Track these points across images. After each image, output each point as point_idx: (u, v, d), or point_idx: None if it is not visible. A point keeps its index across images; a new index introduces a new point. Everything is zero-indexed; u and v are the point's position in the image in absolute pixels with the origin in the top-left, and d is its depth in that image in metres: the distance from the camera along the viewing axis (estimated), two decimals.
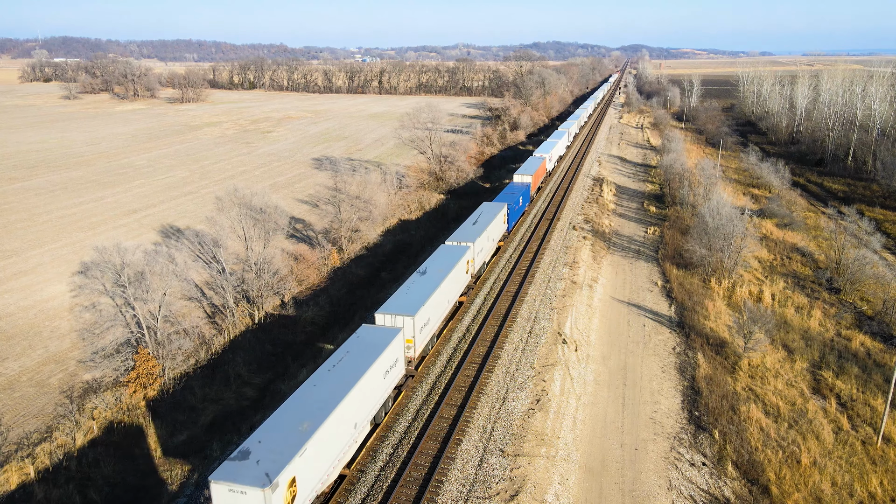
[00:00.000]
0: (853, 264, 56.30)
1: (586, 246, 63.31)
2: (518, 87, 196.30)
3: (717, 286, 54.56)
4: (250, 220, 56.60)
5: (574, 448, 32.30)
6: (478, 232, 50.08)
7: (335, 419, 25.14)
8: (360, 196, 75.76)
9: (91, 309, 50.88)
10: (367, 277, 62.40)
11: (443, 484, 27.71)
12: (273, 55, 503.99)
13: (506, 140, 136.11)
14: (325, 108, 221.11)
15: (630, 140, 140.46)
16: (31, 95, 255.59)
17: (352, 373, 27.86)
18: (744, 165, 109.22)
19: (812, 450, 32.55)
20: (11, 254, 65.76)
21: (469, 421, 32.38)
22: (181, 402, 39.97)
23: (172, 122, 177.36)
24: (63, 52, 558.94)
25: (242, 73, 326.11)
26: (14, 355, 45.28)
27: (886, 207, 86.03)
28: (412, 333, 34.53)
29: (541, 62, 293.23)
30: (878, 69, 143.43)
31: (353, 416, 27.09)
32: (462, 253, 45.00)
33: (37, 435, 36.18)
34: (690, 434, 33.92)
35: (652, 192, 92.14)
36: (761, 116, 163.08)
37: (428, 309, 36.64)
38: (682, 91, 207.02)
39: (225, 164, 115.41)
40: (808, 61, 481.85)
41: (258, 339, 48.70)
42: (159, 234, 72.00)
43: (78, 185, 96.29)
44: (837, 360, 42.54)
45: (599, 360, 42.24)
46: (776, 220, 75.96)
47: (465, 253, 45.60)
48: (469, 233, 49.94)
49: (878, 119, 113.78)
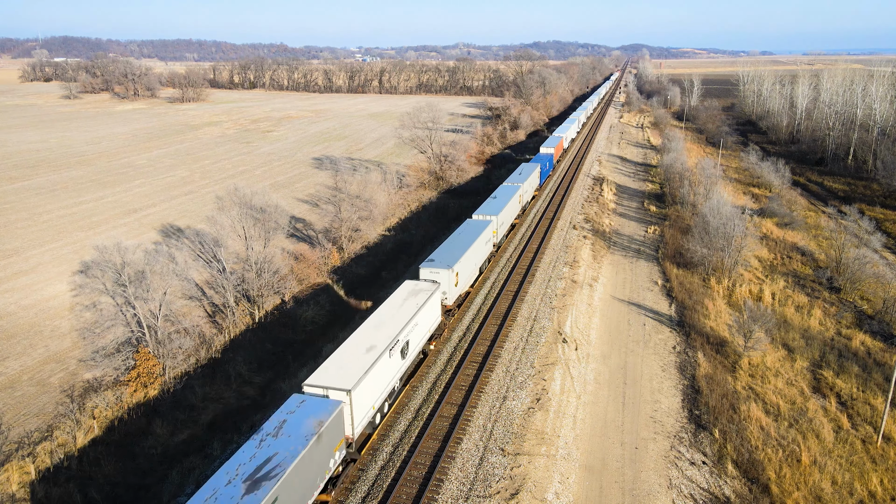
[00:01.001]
0: (853, 263, 56.30)
1: (586, 245, 63.32)
2: (518, 86, 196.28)
3: (717, 285, 54.57)
4: (251, 220, 56.61)
5: (574, 447, 32.32)
6: (523, 179, 70.31)
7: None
8: (361, 195, 75.79)
9: (91, 308, 50.92)
10: (368, 277, 62.43)
11: (443, 482, 27.74)
12: (273, 55, 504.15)
13: (506, 139, 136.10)
14: (326, 107, 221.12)
15: (630, 139, 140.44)
16: (32, 95, 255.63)
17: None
18: (744, 165, 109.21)
19: (812, 449, 32.56)
20: (12, 253, 65.80)
21: (469, 420, 32.41)
22: (182, 400, 40.00)
23: (173, 121, 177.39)
24: (63, 52, 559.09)
25: (243, 73, 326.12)
26: (15, 354, 45.32)
27: (887, 207, 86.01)
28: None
29: (541, 62, 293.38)
30: (878, 68, 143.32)
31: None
32: (515, 191, 64.48)
33: (37, 434, 36.21)
34: (691, 433, 33.94)
35: (652, 192, 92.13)
36: (762, 116, 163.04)
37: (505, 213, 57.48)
38: (683, 90, 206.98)
39: (225, 163, 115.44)
40: (808, 61, 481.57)
41: (258, 339, 48.74)
42: (160, 233, 72.04)
43: (78, 185, 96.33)
44: (838, 359, 42.55)
45: (600, 359, 42.26)
46: (776, 219, 75.96)
47: (518, 189, 65.54)
48: (518, 180, 69.51)
49: (878, 118, 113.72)
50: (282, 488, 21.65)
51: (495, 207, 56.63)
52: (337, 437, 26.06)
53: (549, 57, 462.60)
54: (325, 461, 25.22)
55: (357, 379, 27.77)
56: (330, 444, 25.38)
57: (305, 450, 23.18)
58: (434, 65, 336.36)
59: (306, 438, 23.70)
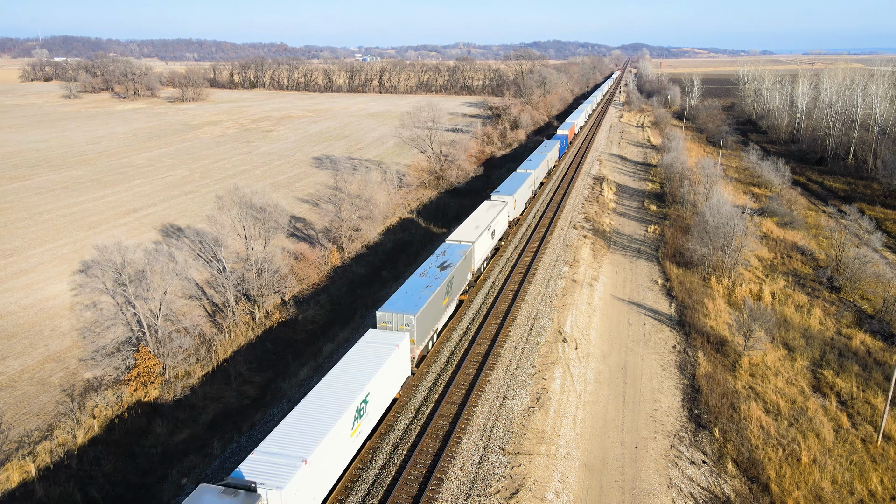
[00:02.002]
0: (853, 263, 56.29)
1: (587, 244, 63.31)
2: (518, 86, 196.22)
3: (717, 285, 54.56)
4: (251, 219, 56.62)
5: (574, 446, 32.33)
6: (548, 150, 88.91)
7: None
8: (361, 195, 75.78)
9: (92, 307, 50.93)
10: (368, 276, 62.43)
11: (443, 482, 27.75)
12: (273, 54, 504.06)
13: (506, 139, 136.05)
14: (326, 107, 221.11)
15: (630, 139, 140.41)
16: (32, 95, 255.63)
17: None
18: (744, 164, 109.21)
19: (812, 448, 32.57)
20: (12, 252, 65.81)
21: (469, 419, 32.42)
22: (182, 400, 40.02)
23: (173, 121, 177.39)
24: (63, 52, 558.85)
25: (243, 73, 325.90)
26: (15, 354, 45.34)
27: (887, 206, 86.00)
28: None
29: (541, 61, 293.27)
30: (878, 68, 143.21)
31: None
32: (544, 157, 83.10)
33: (38, 433, 36.24)
34: (691, 432, 33.95)
35: (652, 191, 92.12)
36: (762, 115, 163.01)
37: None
38: (683, 90, 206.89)
39: (225, 163, 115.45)
40: (808, 60, 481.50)
41: (259, 338, 48.76)
42: (160, 232, 72.05)
43: (78, 184, 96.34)
44: (838, 359, 42.56)
45: (600, 359, 42.26)
46: (777, 218, 75.95)
47: (546, 156, 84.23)
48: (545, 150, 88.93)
49: (878, 118, 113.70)
50: (455, 271, 41.98)
51: (534, 164, 78.64)
52: (468, 266, 46.72)
53: (549, 56, 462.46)
54: (467, 276, 46.59)
55: (477, 236, 48.67)
56: (466, 268, 45.75)
57: (462, 259, 43.93)
58: (434, 64, 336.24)
59: (461, 255, 44.40)
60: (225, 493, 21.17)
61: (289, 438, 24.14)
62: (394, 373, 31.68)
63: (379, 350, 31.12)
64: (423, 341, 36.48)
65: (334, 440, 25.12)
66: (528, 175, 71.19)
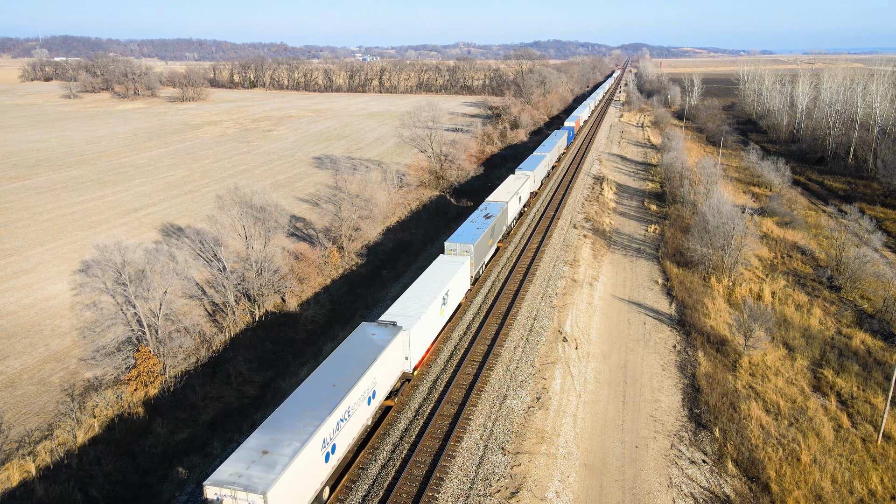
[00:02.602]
0: (854, 262, 56.30)
1: (587, 244, 63.32)
2: (518, 85, 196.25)
3: (717, 284, 54.57)
4: (251, 219, 56.63)
5: (574, 446, 32.33)
6: (558, 139, 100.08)
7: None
8: (361, 195, 75.79)
9: (92, 307, 50.93)
10: (368, 276, 62.44)
11: (443, 481, 27.75)
12: (273, 54, 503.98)
13: (506, 139, 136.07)
14: (326, 106, 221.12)
15: (631, 138, 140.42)
16: (32, 94, 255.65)
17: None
18: (744, 164, 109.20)
19: (812, 447, 32.58)
20: (12, 252, 65.82)
21: (470, 419, 32.42)
22: (182, 399, 40.03)
23: (173, 120, 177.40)
24: (63, 52, 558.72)
25: (243, 72, 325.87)
26: (15, 353, 45.36)
27: (887, 206, 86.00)
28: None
29: (541, 61, 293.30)
30: (878, 68, 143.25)
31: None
32: (555, 144, 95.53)
33: (38, 433, 36.25)
34: (691, 432, 33.95)
35: (652, 191, 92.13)
36: (762, 115, 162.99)
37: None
38: (683, 89, 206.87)
39: (225, 162, 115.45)
40: (808, 60, 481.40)
41: (259, 338, 48.77)
42: (160, 232, 72.06)
43: (78, 184, 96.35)
44: (838, 358, 42.57)
45: (600, 358, 42.27)
46: (777, 218, 75.95)
47: (557, 143, 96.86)
48: (555, 138, 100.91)
49: (878, 117, 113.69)
50: (495, 221, 53.22)
51: (548, 148, 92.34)
52: (504, 220, 57.98)
53: (549, 56, 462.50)
54: (503, 228, 57.46)
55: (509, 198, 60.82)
56: (502, 221, 56.71)
57: (499, 213, 55.01)
58: (434, 64, 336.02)
59: (499, 209, 55.43)
60: (379, 325, 33.91)
61: (408, 306, 36.92)
62: (461, 283, 44.04)
63: (450, 266, 43.36)
64: (477, 266, 49.24)
65: (432, 312, 37.58)
66: (544, 157, 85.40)
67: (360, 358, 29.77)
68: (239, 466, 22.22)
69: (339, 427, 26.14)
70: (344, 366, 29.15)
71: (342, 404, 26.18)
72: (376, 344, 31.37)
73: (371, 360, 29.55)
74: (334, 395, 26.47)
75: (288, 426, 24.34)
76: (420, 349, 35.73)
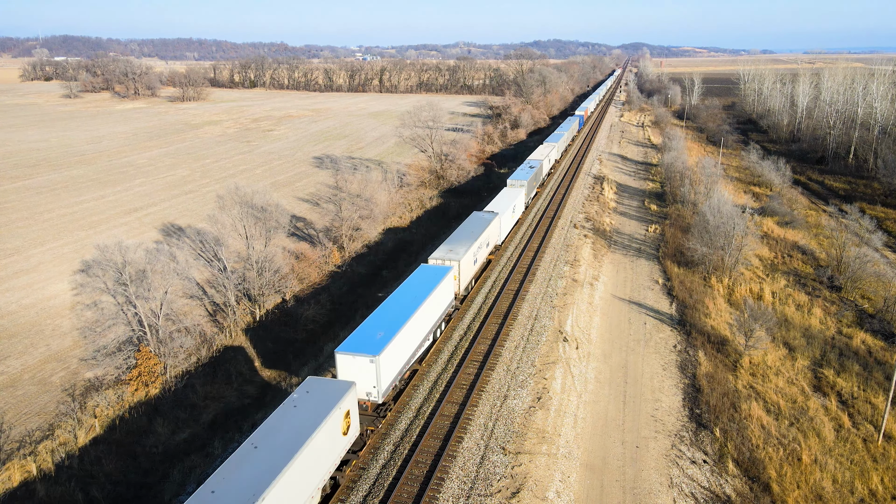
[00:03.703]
0: (854, 262, 56.28)
1: (587, 244, 63.32)
2: (519, 85, 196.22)
3: (717, 284, 54.57)
4: (251, 219, 56.66)
5: (575, 446, 32.34)
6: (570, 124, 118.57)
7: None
8: (361, 194, 75.80)
9: (93, 307, 50.97)
10: (369, 276, 62.46)
11: (444, 481, 27.77)
12: (274, 54, 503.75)
13: (507, 138, 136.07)
14: (326, 106, 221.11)
15: (631, 138, 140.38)
16: (32, 94, 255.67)
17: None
18: (745, 164, 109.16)
19: (813, 447, 32.58)
20: (13, 252, 65.85)
21: (470, 418, 32.43)
22: (183, 399, 40.04)
23: (173, 120, 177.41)
24: (64, 51, 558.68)
25: (243, 72, 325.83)
26: (16, 353, 45.38)
27: (887, 205, 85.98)
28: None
29: (541, 60, 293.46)
30: (879, 67, 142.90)
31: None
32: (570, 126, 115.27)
33: (39, 433, 36.27)
34: (691, 432, 33.96)
35: (653, 191, 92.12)
36: (762, 114, 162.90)
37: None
38: (683, 89, 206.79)
39: (226, 162, 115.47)
40: (809, 59, 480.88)
41: (259, 337, 48.79)
42: (160, 232, 72.07)
43: (79, 184, 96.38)
44: (838, 358, 42.56)
45: (600, 358, 42.28)
46: (777, 218, 75.93)
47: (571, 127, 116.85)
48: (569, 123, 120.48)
49: (879, 117, 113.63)
50: (537, 171, 76.65)
51: (566, 128, 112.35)
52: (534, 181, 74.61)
53: (549, 56, 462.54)
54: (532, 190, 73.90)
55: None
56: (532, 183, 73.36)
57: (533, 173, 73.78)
58: (434, 64, 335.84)
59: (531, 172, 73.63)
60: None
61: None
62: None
63: (515, 190, 62.14)
64: (530, 195, 70.02)
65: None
66: (563, 134, 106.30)
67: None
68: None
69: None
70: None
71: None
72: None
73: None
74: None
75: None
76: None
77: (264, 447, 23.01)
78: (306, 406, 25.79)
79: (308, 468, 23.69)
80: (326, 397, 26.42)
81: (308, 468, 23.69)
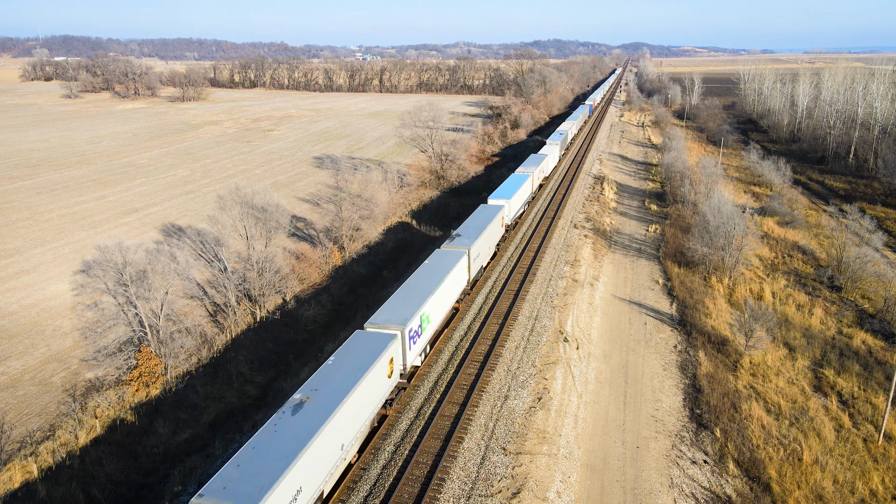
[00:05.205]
0: (854, 262, 56.30)
1: (587, 244, 63.33)
2: (519, 85, 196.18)
3: (718, 284, 54.59)
4: (252, 219, 56.67)
5: (576, 446, 32.37)
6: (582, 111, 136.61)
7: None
8: (362, 195, 75.83)
9: (93, 307, 50.99)
10: (369, 276, 62.48)
11: (445, 482, 27.79)
12: (274, 54, 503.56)
13: (507, 138, 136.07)
14: (326, 106, 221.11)
15: (631, 138, 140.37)
16: (32, 94, 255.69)
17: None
18: (745, 163, 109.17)
19: (813, 447, 32.61)
20: (13, 252, 65.88)
21: (471, 419, 32.45)
22: (183, 400, 40.07)
23: (173, 120, 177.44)
24: (64, 51, 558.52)
25: (243, 72, 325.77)
26: (17, 354, 45.40)
27: (888, 205, 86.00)
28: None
29: (541, 60, 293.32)
30: (879, 67, 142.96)
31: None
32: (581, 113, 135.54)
33: (40, 433, 36.30)
34: (692, 432, 33.98)
35: (653, 191, 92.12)
36: (762, 114, 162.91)
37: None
38: (683, 89, 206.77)
39: (226, 162, 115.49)
40: (809, 59, 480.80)
41: (260, 338, 48.81)
42: (161, 232, 72.09)
43: (79, 184, 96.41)
44: (839, 358, 42.59)
45: (601, 358, 42.30)
46: (777, 218, 75.95)
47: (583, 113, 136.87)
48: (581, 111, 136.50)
49: (879, 117, 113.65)
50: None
51: (578, 114, 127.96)
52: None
53: (549, 55, 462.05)
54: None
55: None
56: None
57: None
58: (434, 63, 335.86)
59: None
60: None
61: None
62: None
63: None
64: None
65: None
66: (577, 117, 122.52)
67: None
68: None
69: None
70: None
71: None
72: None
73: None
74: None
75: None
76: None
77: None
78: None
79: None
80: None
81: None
